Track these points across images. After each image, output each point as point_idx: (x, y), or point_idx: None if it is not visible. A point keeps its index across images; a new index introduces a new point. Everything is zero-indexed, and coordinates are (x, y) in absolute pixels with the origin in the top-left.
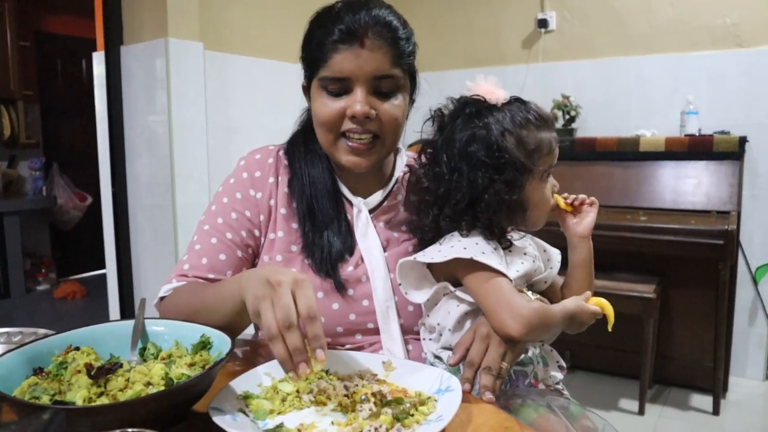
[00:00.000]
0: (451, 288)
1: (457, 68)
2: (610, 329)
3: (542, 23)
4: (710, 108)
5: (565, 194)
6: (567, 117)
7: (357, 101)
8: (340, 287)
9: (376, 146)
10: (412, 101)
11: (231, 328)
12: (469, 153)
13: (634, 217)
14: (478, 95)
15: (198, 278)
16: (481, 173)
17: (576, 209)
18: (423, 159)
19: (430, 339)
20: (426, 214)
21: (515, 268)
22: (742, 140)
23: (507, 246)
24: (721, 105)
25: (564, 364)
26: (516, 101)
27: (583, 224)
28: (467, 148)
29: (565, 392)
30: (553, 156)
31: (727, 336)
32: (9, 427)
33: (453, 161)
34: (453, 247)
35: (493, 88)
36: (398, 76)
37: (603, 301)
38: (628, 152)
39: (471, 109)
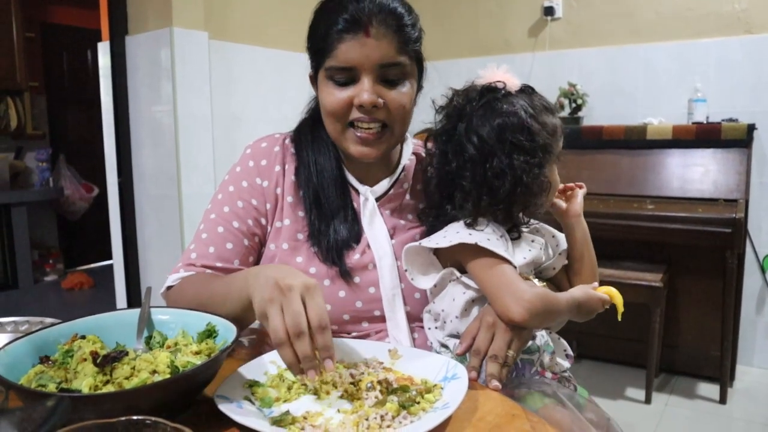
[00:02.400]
0: (458, 274)
1: (462, 57)
2: (620, 318)
3: (548, 11)
4: (718, 95)
5: None
6: (574, 105)
7: (364, 90)
8: (346, 275)
9: (384, 135)
10: (419, 87)
11: (238, 322)
12: (503, 138)
13: (642, 206)
14: (497, 81)
15: (206, 267)
16: (516, 156)
17: (564, 193)
18: (434, 150)
19: (436, 327)
20: (465, 200)
21: (521, 255)
22: (750, 128)
23: (516, 237)
24: (729, 92)
25: (571, 353)
26: (528, 89)
27: (574, 204)
28: (501, 133)
29: (572, 379)
30: (562, 140)
31: (735, 324)
32: (14, 413)
33: (485, 147)
34: (458, 232)
35: (507, 75)
36: (405, 64)
37: (612, 289)
38: (635, 140)
39: (493, 95)
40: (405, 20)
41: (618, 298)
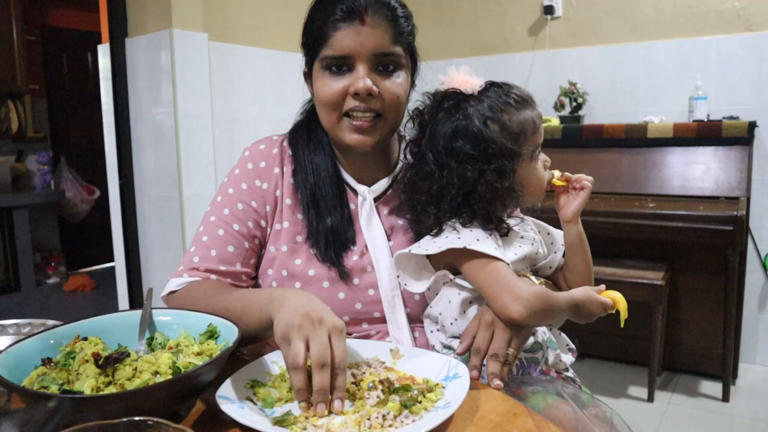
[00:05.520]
0: (451, 276)
1: (462, 56)
2: (622, 325)
3: (548, 10)
4: (719, 93)
5: (556, 171)
6: (574, 104)
7: (359, 78)
8: (345, 276)
9: (378, 124)
10: (413, 83)
11: (250, 338)
12: (454, 148)
13: (643, 204)
14: (454, 87)
15: (210, 271)
16: (470, 166)
17: (569, 185)
18: (409, 158)
19: (437, 330)
20: (426, 214)
21: (513, 251)
22: (752, 125)
23: (505, 232)
24: (730, 90)
25: (573, 347)
26: (492, 86)
27: (570, 208)
28: (452, 143)
29: (577, 380)
30: (538, 134)
31: (737, 322)
32: (17, 415)
33: (440, 158)
34: (447, 237)
35: (467, 78)
36: (399, 54)
37: (617, 295)
38: (635, 139)
39: (448, 102)
40: (399, 12)
41: (622, 304)
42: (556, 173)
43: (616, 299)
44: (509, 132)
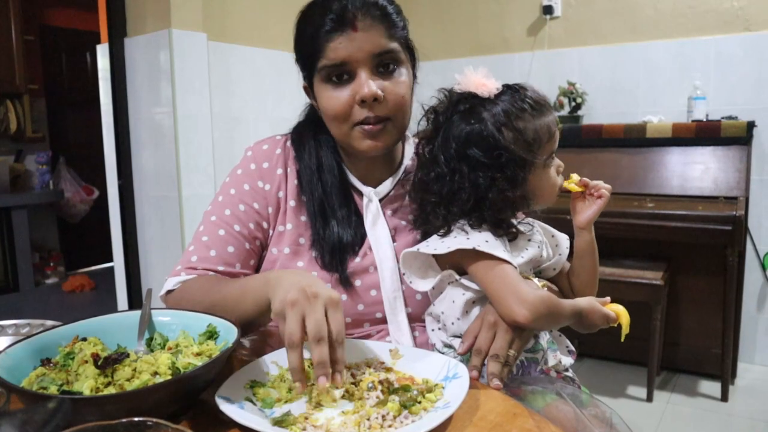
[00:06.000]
0: (456, 276)
1: (462, 56)
2: (623, 339)
3: (547, 9)
4: (718, 93)
5: (575, 175)
6: (573, 104)
7: (363, 84)
8: (346, 281)
9: (387, 127)
10: (414, 76)
11: (249, 325)
12: (467, 154)
13: (642, 204)
14: (469, 89)
15: (208, 270)
16: (482, 173)
17: (586, 191)
18: (423, 154)
19: (439, 329)
20: (434, 215)
21: (520, 254)
22: (750, 125)
23: (513, 237)
24: (729, 90)
25: (573, 349)
26: (509, 90)
27: (585, 215)
28: (465, 149)
29: (576, 380)
30: (554, 141)
31: (736, 322)
32: (15, 415)
33: (452, 162)
34: (456, 237)
35: (483, 80)
36: (397, 50)
37: (620, 308)
38: (634, 139)
39: (464, 105)
40: (389, 9)
41: (624, 319)
42: (575, 177)
43: (620, 313)
44: (524, 140)
